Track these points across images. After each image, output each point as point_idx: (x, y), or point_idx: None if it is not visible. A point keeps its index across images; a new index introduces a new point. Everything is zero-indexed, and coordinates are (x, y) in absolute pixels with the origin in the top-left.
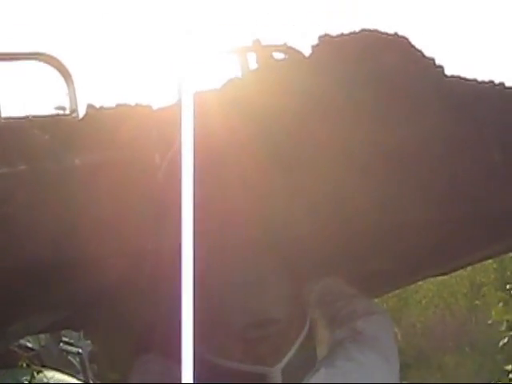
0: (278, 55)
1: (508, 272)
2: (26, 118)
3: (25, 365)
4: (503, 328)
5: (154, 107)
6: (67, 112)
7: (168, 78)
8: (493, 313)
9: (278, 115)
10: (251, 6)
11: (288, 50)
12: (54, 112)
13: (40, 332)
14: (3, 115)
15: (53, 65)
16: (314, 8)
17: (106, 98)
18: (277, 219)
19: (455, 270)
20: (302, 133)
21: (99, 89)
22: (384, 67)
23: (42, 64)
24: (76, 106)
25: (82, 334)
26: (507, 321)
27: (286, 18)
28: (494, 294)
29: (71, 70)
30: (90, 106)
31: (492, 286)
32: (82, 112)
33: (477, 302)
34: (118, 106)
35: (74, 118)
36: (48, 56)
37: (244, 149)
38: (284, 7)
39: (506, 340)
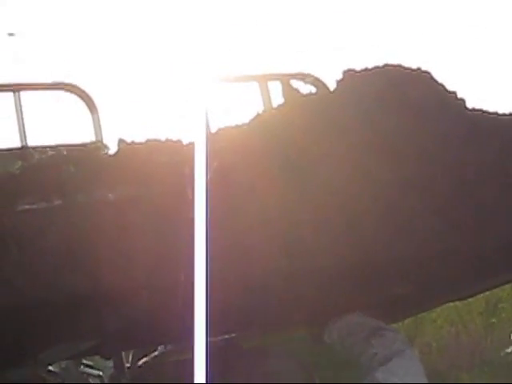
0: (299, 83)
1: None
2: (55, 147)
3: None
4: None
5: (184, 142)
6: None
7: (191, 110)
8: None
9: (306, 151)
10: (254, 6)
11: (314, 81)
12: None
13: (69, 358)
14: (30, 144)
15: (77, 94)
16: (315, 8)
17: (131, 127)
18: (300, 251)
19: (474, 295)
20: (327, 167)
21: (124, 117)
22: (407, 101)
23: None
24: (101, 135)
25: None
26: None
27: (286, 17)
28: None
29: (96, 100)
30: (121, 141)
31: (509, 302)
32: (106, 141)
33: (493, 319)
34: (148, 140)
35: (105, 153)
36: (72, 86)
37: (273, 185)
38: (284, 7)
39: None
